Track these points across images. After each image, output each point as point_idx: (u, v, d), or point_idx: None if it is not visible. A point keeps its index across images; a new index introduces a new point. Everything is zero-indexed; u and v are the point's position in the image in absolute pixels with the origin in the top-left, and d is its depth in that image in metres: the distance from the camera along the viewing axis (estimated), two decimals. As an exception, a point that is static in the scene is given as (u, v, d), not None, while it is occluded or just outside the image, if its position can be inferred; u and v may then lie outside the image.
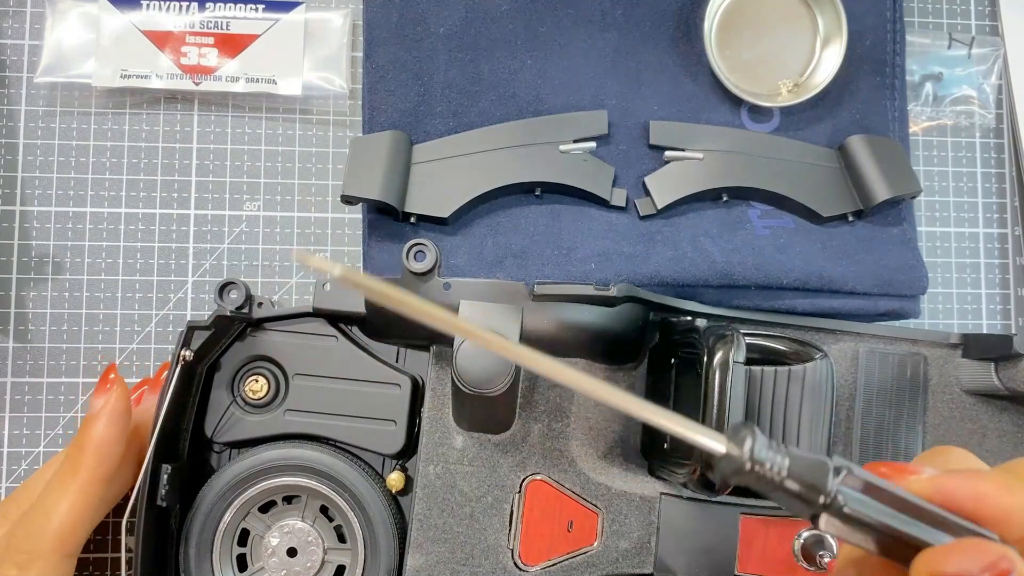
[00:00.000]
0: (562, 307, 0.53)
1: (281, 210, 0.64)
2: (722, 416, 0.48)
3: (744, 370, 0.49)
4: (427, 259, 0.53)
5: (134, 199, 0.64)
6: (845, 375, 0.58)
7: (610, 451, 0.58)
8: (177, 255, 0.64)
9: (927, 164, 0.68)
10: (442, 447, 0.56)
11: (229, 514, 0.55)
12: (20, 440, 0.61)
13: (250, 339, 0.57)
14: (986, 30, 0.69)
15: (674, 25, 0.65)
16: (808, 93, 0.64)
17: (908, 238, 0.64)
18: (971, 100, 0.68)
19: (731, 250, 0.60)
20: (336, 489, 0.55)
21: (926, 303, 0.65)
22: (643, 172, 0.63)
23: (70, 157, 0.64)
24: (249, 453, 0.56)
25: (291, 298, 0.64)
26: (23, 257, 0.63)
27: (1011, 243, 0.68)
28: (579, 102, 0.64)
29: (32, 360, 0.62)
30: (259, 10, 0.64)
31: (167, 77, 0.63)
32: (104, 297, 0.63)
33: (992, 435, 0.58)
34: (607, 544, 0.54)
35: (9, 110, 0.64)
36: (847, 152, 0.63)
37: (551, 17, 0.65)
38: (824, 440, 0.56)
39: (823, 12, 0.65)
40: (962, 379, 0.58)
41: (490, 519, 0.55)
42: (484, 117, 0.63)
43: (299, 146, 0.65)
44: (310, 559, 0.56)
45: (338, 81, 0.64)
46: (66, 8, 0.63)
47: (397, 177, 0.60)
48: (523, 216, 0.62)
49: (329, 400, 0.57)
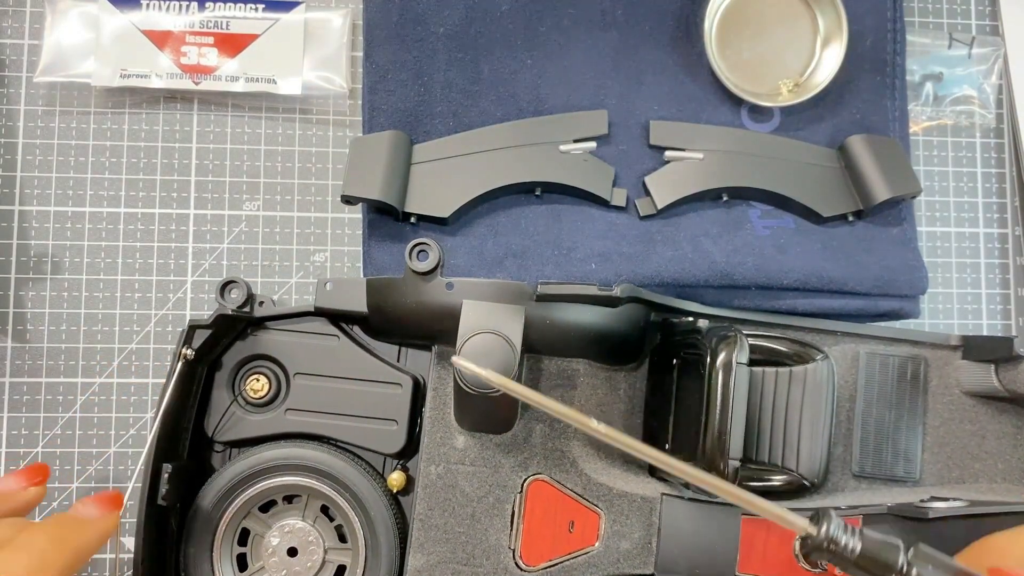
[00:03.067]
0: (564, 307, 0.53)
1: (281, 210, 0.64)
2: (725, 416, 0.48)
3: (747, 371, 0.49)
4: (430, 258, 0.53)
5: (134, 199, 0.64)
6: (845, 376, 0.58)
7: (611, 452, 0.58)
8: (177, 255, 0.63)
9: (927, 164, 0.68)
10: (444, 447, 0.56)
11: (229, 514, 0.55)
12: (19, 440, 0.61)
13: (251, 338, 0.57)
14: (986, 30, 0.70)
15: (674, 25, 0.65)
16: (808, 93, 0.64)
17: (908, 238, 0.64)
18: (971, 100, 0.68)
19: (731, 250, 0.60)
20: (337, 489, 0.55)
21: (926, 303, 0.66)
22: (643, 172, 0.63)
23: (69, 157, 0.64)
24: (250, 452, 0.56)
25: (291, 298, 0.64)
26: (22, 257, 0.63)
27: (1011, 243, 0.68)
28: (579, 102, 0.64)
29: (31, 360, 0.62)
30: (259, 10, 0.64)
31: (167, 77, 0.63)
32: (103, 297, 0.63)
33: (992, 436, 0.58)
34: (608, 544, 0.54)
35: (8, 110, 0.64)
36: (847, 152, 0.63)
37: (551, 17, 0.64)
38: (824, 440, 0.56)
39: (823, 12, 0.65)
40: (962, 381, 0.58)
41: (491, 519, 0.55)
42: (484, 117, 0.63)
43: (299, 146, 0.65)
44: (310, 559, 0.56)
45: (338, 81, 0.64)
46: (66, 8, 0.63)
47: (397, 177, 0.60)
48: (523, 216, 0.62)
49: (330, 399, 0.57)
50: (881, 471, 0.58)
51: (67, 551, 0.45)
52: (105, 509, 0.49)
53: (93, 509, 0.49)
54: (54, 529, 0.46)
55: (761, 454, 0.56)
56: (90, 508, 0.49)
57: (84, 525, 0.48)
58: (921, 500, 0.52)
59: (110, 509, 0.50)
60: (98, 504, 0.49)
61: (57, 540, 0.45)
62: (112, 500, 0.50)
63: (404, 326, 0.55)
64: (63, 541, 0.46)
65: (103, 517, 0.49)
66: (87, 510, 0.49)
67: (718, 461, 0.48)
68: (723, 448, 0.48)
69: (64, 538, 0.46)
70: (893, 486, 0.58)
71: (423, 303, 0.53)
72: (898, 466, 0.58)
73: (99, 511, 0.49)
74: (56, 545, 0.45)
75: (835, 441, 0.58)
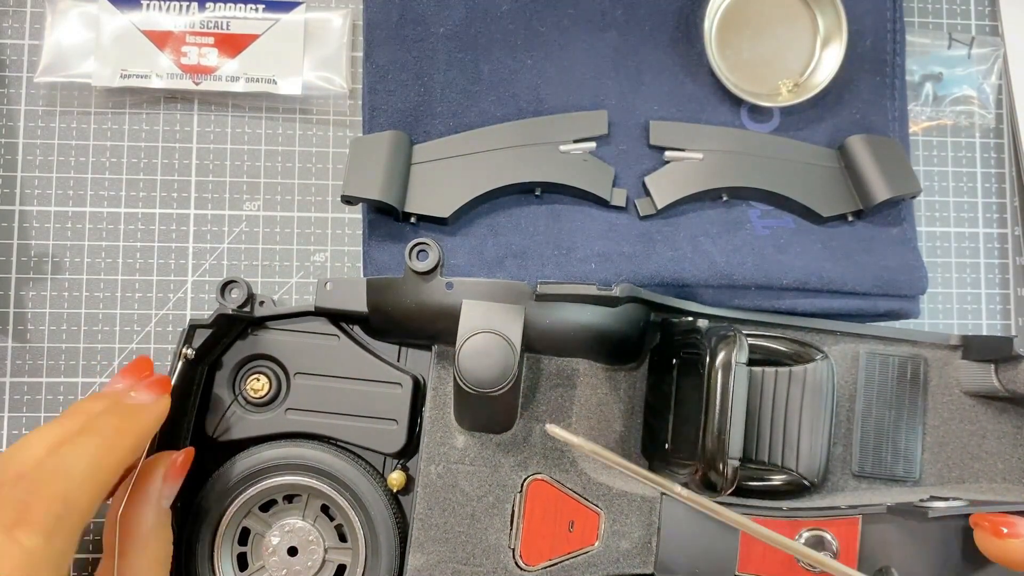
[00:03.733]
0: (564, 307, 0.53)
1: (281, 210, 0.64)
2: (724, 416, 0.48)
3: (747, 371, 0.49)
4: (430, 258, 0.53)
5: (134, 199, 0.64)
6: (845, 376, 0.58)
7: (611, 451, 0.58)
8: (177, 255, 0.64)
9: (927, 164, 0.68)
10: (443, 446, 0.56)
11: (230, 513, 0.55)
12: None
13: (251, 338, 0.57)
14: (986, 30, 0.70)
15: (674, 25, 0.65)
16: (808, 93, 0.64)
17: (908, 238, 0.64)
18: (971, 100, 0.68)
19: (731, 250, 0.60)
20: (337, 488, 0.55)
21: (926, 303, 0.66)
22: (643, 172, 0.63)
23: (70, 157, 0.64)
24: (250, 452, 0.56)
25: (291, 297, 0.64)
26: (22, 257, 0.63)
27: (1011, 243, 0.68)
28: (579, 102, 0.64)
29: (31, 360, 0.62)
30: (259, 10, 0.64)
31: (167, 77, 0.63)
32: (104, 297, 0.63)
33: (992, 436, 0.58)
34: (608, 544, 0.54)
35: (9, 110, 0.64)
36: (847, 152, 0.63)
37: (551, 17, 0.65)
38: (824, 441, 0.56)
39: (823, 12, 0.65)
40: (962, 381, 0.58)
41: (491, 519, 0.55)
42: (484, 117, 0.63)
43: (299, 146, 0.65)
44: (311, 558, 0.56)
45: (338, 81, 0.64)
46: (66, 8, 0.63)
47: (397, 177, 0.60)
48: (523, 216, 0.62)
49: (330, 399, 0.57)
50: (881, 471, 0.58)
51: (131, 435, 0.48)
52: (156, 393, 0.51)
53: (146, 395, 0.50)
54: (118, 416, 0.48)
55: (761, 454, 0.56)
56: (143, 394, 0.50)
57: (141, 410, 0.49)
58: (921, 500, 0.52)
59: (161, 393, 0.51)
60: (150, 389, 0.50)
61: (123, 425, 0.47)
62: (161, 384, 0.51)
63: (404, 326, 0.55)
64: (128, 426, 0.48)
65: (156, 401, 0.50)
66: (140, 396, 0.50)
67: (718, 461, 0.48)
68: (723, 448, 0.48)
69: (127, 424, 0.48)
70: (893, 486, 0.58)
71: (423, 303, 0.53)
72: (898, 466, 0.58)
73: (151, 396, 0.50)
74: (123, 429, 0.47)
75: (835, 441, 0.58)
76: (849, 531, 0.52)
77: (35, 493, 0.42)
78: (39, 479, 0.42)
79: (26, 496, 0.41)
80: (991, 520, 0.46)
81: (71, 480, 0.43)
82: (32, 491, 0.42)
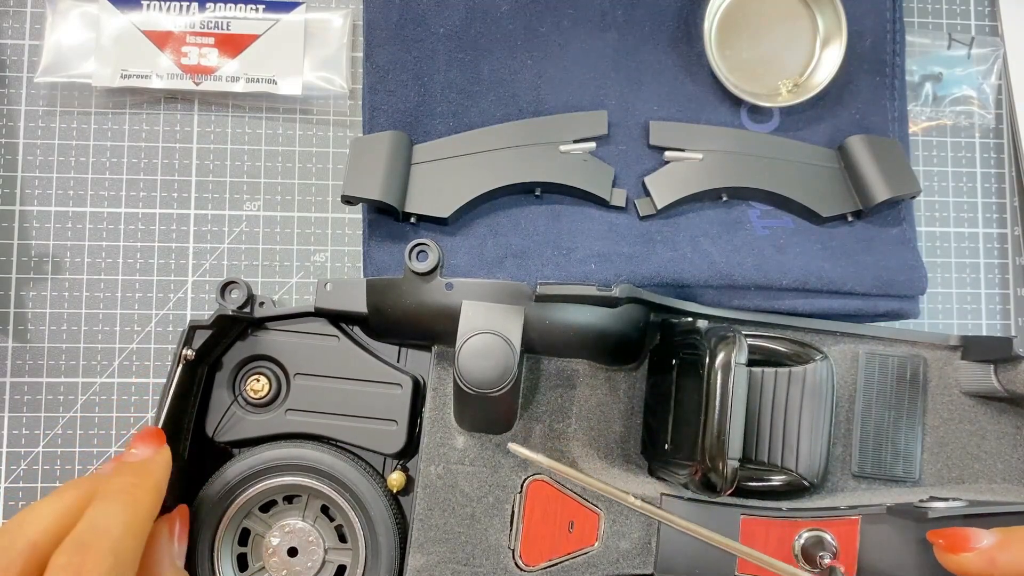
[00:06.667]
0: (564, 308, 0.53)
1: (281, 210, 0.64)
2: (724, 417, 0.48)
3: (746, 371, 0.49)
4: (429, 259, 0.53)
5: (134, 199, 0.64)
6: (845, 376, 0.58)
7: (611, 452, 0.58)
8: (177, 255, 0.64)
9: (927, 164, 0.68)
10: (443, 447, 0.56)
11: (230, 513, 0.55)
12: (19, 440, 0.61)
13: (251, 338, 0.57)
14: (986, 30, 0.70)
15: (674, 25, 0.65)
16: (808, 93, 0.64)
17: (908, 238, 0.64)
18: (971, 100, 0.68)
19: (731, 250, 0.60)
20: (337, 489, 0.55)
21: (926, 303, 0.66)
22: (643, 172, 0.63)
23: (70, 157, 0.64)
24: (250, 453, 0.56)
25: (291, 298, 0.64)
26: (23, 257, 0.63)
27: (1011, 243, 0.68)
28: (579, 102, 0.64)
29: (31, 360, 0.62)
30: (259, 10, 0.64)
31: (167, 77, 0.63)
32: (104, 297, 0.63)
33: (991, 437, 0.58)
34: (608, 544, 0.54)
35: (9, 110, 0.64)
36: (847, 152, 0.63)
37: (551, 17, 0.65)
38: (824, 441, 0.56)
39: (823, 12, 0.65)
40: (961, 381, 0.58)
41: (491, 519, 0.55)
42: (484, 117, 0.63)
43: (299, 146, 0.65)
44: (311, 559, 0.56)
45: (338, 81, 0.64)
46: (66, 8, 0.63)
47: (397, 177, 0.60)
48: (523, 216, 0.62)
49: (330, 400, 0.57)
50: (880, 471, 0.58)
51: (149, 489, 0.47)
52: (154, 445, 0.50)
53: (144, 450, 0.49)
54: (130, 474, 0.47)
55: (760, 454, 0.56)
56: (141, 450, 0.49)
57: (148, 462, 0.49)
58: (920, 500, 0.52)
59: (158, 445, 0.50)
60: (145, 443, 0.50)
61: (137, 480, 0.46)
62: (154, 435, 0.50)
63: (404, 326, 0.55)
64: (141, 480, 0.47)
65: (158, 452, 0.49)
66: (140, 452, 0.49)
67: (717, 461, 0.48)
68: (722, 448, 0.48)
69: (141, 479, 0.47)
70: (892, 486, 0.58)
71: (423, 303, 0.53)
72: (897, 466, 0.58)
73: (150, 448, 0.49)
74: (138, 484, 0.46)
75: (834, 441, 0.58)
76: (849, 531, 0.52)
77: (85, 554, 0.42)
78: (82, 541, 0.42)
79: (78, 559, 0.41)
80: (945, 536, 0.47)
81: (112, 537, 0.43)
82: (81, 552, 0.42)
